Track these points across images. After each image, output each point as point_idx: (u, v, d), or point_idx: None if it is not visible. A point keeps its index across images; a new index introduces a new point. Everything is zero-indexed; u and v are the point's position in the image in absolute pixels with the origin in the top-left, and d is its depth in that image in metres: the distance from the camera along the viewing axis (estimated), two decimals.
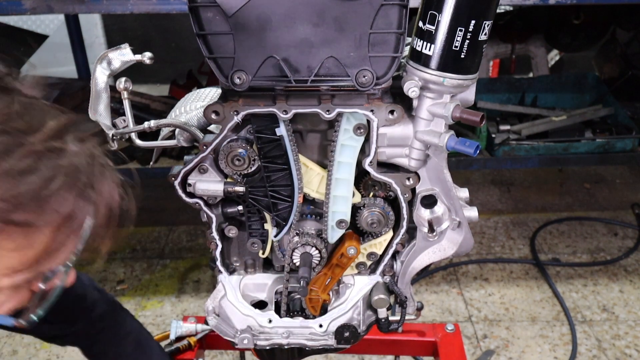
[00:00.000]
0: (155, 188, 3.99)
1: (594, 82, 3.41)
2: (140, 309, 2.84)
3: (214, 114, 1.12)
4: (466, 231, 1.23)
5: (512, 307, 2.87)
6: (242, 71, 1.06)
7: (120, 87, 1.14)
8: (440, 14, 1.00)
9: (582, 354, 2.58)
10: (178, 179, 1.20)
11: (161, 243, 3.41)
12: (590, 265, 3.16)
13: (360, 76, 1.05)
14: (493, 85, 3.43)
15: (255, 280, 1.38)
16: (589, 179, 4.06)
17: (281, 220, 1.23)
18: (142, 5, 2.29)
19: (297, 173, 1.16)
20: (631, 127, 3.01)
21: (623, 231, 3.47)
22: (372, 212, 1.22)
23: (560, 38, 3.94)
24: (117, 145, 1.16)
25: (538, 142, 2.92)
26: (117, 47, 1.12)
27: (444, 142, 1.08)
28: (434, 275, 3.10)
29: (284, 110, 1.10)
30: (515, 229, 3.51)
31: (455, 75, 1.04)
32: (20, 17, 5.19)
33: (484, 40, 1.04)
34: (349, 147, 1.14)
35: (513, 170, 4.13)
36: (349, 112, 1.10)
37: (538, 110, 3.24)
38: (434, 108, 1.09)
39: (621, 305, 2.87)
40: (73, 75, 4.22)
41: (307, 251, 1.24)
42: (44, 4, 2.30)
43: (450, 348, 1.62)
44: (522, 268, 3.16)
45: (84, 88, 3.66)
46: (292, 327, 1.35)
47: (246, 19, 1.02)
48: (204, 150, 1.16)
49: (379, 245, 1.29)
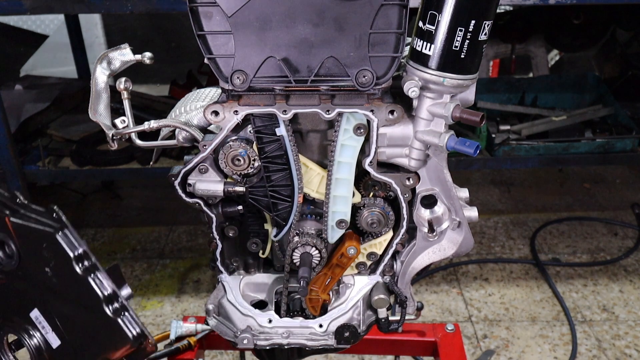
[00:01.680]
0: (155, 188, 4.00)
1: (594, 82, 3.41)
2: (140, 309, 2.84)
3: (214, 114, 1.12)
4: (466, 231, 1.23)
5: (512, 307, 2.88)
6: (242, 71, 1.06)
7: (120, 87, 1.14)
8: (440, 14, 1.00)
9: (582, 354, 2.58)
10: (178, 179, 1.20)
11: (161, 243, 3.41)
12: (590, 265, 3.16)
13: (360, 76, 1.05)
14: (493, 85, 3.43)
15: (255, 280, 1.38)
16: (589, 179, 4.07)
17: (281, 220, 1.23)
18: (142, 5, 2.29)
19: (297, 173, 1.16)
20: (631, 127, 3.01)
21: (623, 231, 3.47)
22: (372, 212, 1.22)
23: (560, 38, 3.94)
24: (117, 145, 1.16)
25: (538, 142, 2.92)
26: (117, 47, 1.13)
27: (444, 142, 1.08)
28: (434, 275, 3.10)
29: (284, 110, 1.10)
30: (515, 229, 3.51)
31: (455, 75, 1.04)
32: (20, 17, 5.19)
33: (484, 40, 1.04)
34: (349, 147, 1.14)
35: (513, 170, 4.13)
36: (349, 112, 1.10)
37: (538, 110, 3.24)
38: (434, 108, 1.09)
39: (621, 305, 2.87)
40: (73, 75, 4.22)
41: (307, 251, 1.25)
42: (44, 4, 2.30)
43: (450, 348, 1.62)
44: (522, 268, 3.16)
45: (84, 88, 3.66)
46: (292, 327, 1.35)
47: (246, 18, 1.02)
48: (204, 150, 1.16)
49: (379, 245, 1.29)
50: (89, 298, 0.98)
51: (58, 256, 0.98)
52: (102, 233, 3.53)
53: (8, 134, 2.68)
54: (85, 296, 0.99)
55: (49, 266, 1.00)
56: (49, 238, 0.97)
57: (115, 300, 0.99)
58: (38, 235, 0.99)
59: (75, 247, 0.97)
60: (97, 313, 0.99)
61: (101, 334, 1.02)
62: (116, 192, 3.94)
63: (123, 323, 0.98)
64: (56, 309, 1.04)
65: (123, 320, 0.99)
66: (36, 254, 1.01)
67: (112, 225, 3.63)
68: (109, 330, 0.99)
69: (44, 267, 1.00)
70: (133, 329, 0.99)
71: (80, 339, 1.04)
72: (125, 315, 0.99)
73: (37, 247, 1.00)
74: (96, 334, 1.02)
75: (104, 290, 0.98)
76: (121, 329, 0.98)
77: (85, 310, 1.01)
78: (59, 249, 0.97)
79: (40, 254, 1.00)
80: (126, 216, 3.72)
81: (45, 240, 0.98)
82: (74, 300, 1.01)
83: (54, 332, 1.05)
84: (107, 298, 0.98)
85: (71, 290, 1.00)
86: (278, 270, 1.37)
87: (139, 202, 3.85)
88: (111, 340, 1.01)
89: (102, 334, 1.01)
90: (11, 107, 3.08)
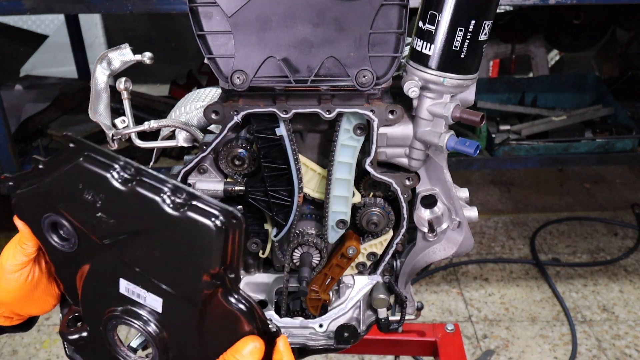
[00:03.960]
0: None
1: (594, 82, 3.41)
2: None
3: (214, 114, 1.12)
4: (466, 231, 1.23)
5: (512, 307, 2.88)
6: (242, 71, 1.06)
7: (120, 87, 1.14)
8: (440, 14, 1.00)
9: (582, 354, 2.58)
10: (178, 179, 1.20)
11: None
12: (590, 265, 3.16)
13: (360, 76, 1.05)
14: (493, 85, 3.43)
15: (255, 280, 1.38)
16: (589, 179, 4.07)
17: (281, 220, 1.23)
18: (142, 5, 2.29)
19: (297, 173, 1.16)
20: (631, 127, 3.01)
21: (623, 231, 3.47)
22: (372, 212, 1.22)
23: (560, 38, 3.94)
24: (117, 145, 1.16)
25: (538, 142, 2.92)
26: (117, 47, 1.13)
27: (444, 142, 1.08)
28: (434, 275, 3.10)
29: (284, 110, 1.10)
30: (515, 229, 3.51)
31: (455, 75, 1.04)
32: (20, 17, 5.20)
33: (484, 40, 1.04)
34: (349, 147, 1.14)
35: (513, 170, 4.13)
36: (349, 112, 1.10)
37: (538, 110, 3.24)
38: (434, 108, 1.09)
39: (621, 305, 2.87)
40: (73, 75, 4.22)
41: (307, 251, 1.24)
42: (44, 4, 2.30)
43: (450, 348, 1.62)
44: (522, 268, 3.16)
45: (84, 88, 3.66)
46: (292, 327, 1.35)
47: (246, 18, 1.02)
48: (204, 150, 1.16)
49: (379, 245, 1.29)
50: (149, 211, 0.82)
51: (98, 187, 0.83)
52: None
53: (8, 134, 2.69)
54: (145, 212, 0.82)
55: (99, 209, 0.85)
56: (78, 170, 0.82)
57: (178, 193, 0.81)
58: (68, 179, 0.85)
59: (109, 165, 0.82)
60: (167, 224, 0.80)
61: (184, 245, 0.82)
62: None
63: (196, 214, 0.79)
64: (135, 259, 0.87)
65: (195, 210, 0.80)
66: (82, 207, 0.86)
67: None
68: (189, 232, 0.81)
69: (96, 215, 0.86)
70: (212, 216, 0.80)
71: (173, 273, 0.85)
72: (196, 204, 0.80)
73: (78, 196, 0.85)
74: (180, 251, 0.83)
75: (156, 192, 0.80)
76: (197, 222, 0.79)
77: (155, 232, 0.83)
78: (94, 177, 0.82)
79: (85, 203, 0.85)
80: None
81: (77, 179, 0.84)
82: (141, 228, 0.84)
83: (150, 291, 0.88)
84: (167, 194, 0.80)
85: (131, 217, 0.84)
86: (278, 270, 1.37)
87: None
88: (197, 244, 0.81)
89: (185, 244, 0.82)
90: (11, 107, 3.08)
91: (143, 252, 0.87)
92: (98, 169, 0.84)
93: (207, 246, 0.81)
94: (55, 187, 0.90)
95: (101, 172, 0.84)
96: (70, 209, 0.90)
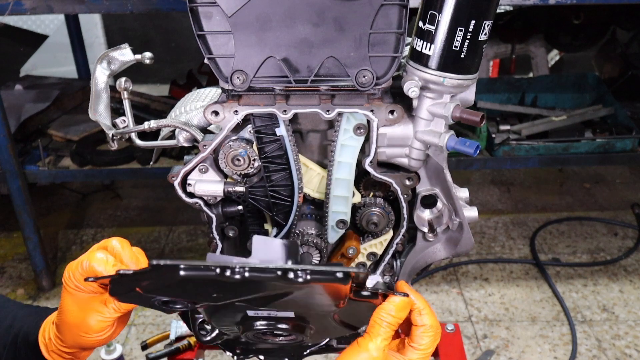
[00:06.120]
0: (155, 188, 4.00)
1: (594, 82, 3.41)
2: (140, 309, 2.84)
3: (214, 114, 1.12)
4: (466, 231, 1.23)
5: (512, 307, 2.88)
6: (242, 71, 1.06)
7: (120, 87, 1.14)
8: (440, 14, 1.00)
9: (582, 354, 2.58)
10: (178, 179, 1.20)
11: (161, 243, 3.41)
12: (590, 265, 3.16)
13: (360, 76, 1.05)
14: (493, 85, 3.43)
15: None
16: (589, 179, 4.07)
17: (281, 220, 1.23)
18: (142, 5, 2.29)
19: (297, 173, 1.16)
20: (631, 127, 3.01)
21: (623, 231, 3.47)
22: (372, 212, 1.22)
23: (560, 38, 3.94)
24: (117, 145, 1.16)
25: (538, 142, 2.92)
26: (117, 47, 1.12)
27: (444, 142, 1.08)
28: (434, 275, 3.10)
29: (284, 110, 1.10)
30: (515, 229, 3.51)
31: (455, 75, 1.04)
32: (20, 17, 5.20)
33: (484, 40, 1.04)
34: (349, 147, 1.14)
35: (513, 170, 4.13)
36: (349, 112, 1.10)
37: (538, 110, 3.24)
38: (434, 108, 1.09)
39: (621, 305, 2.88)
40: (73, 75, 4.22)
41: (307, 251, 1.24)
42: (44, 4, 2.30)
43: (450, 348, 1.62)
44: (522, 268, 3.16)
45: (84, 88, 3.66)
46: None
47: (246, 18, 1.02)
48: (204, 150, 1.16)
49: (379, 245, 1.29)
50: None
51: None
52: (102, 233, 3.53)
53: (8, 134, 2.69)
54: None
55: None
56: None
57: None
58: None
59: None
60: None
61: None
62: (116, 192, 3.94)
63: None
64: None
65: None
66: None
67: (112, 225, 3.63)
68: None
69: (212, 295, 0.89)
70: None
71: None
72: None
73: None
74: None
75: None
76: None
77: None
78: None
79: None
80: (126, 216, 3.73)
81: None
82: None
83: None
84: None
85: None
86: None
87: (139, 202, 3.85)
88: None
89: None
90: (11, 107, 3.09)
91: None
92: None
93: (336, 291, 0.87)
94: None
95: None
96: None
